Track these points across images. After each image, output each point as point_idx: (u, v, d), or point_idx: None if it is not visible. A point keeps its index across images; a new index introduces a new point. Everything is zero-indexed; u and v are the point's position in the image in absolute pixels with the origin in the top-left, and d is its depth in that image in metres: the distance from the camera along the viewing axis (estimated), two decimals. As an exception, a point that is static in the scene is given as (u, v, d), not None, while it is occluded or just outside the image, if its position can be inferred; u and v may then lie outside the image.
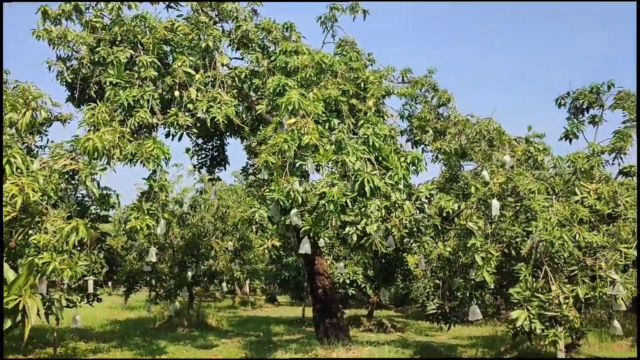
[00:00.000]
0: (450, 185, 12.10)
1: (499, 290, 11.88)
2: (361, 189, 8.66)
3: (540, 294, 8.81)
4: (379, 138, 9.48)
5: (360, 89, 10.61)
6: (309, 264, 12.99)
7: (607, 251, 9.05)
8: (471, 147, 11.15)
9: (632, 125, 11.80)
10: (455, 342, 15.69)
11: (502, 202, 9.92)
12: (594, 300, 9.17)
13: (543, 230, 9.02)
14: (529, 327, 8.74)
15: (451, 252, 10.00)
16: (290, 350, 11.55)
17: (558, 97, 12.57)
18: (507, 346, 13.99)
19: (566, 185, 10.90)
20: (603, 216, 10.12)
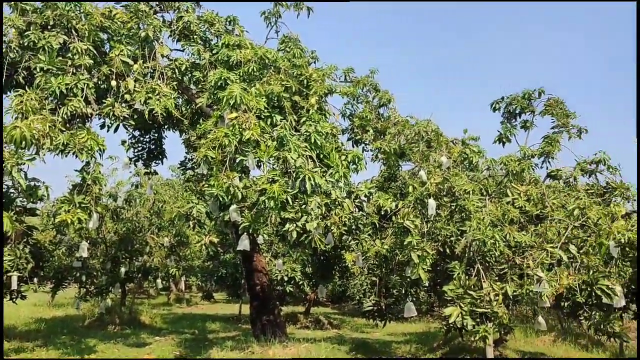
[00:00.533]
0: (388, 184, 12.33)
1: (433, 287, 12.18)
2: (302, 186, 8.67)
3: (472, 292, 9.10)
4: (320, 136, 9.52)
5: (303, 86, 10.60)
6: (248, 261, 12.88)
7: (534, 250, 9.46)
8: (410, 148, 11.38)
9: (560, 131, 12.42)
10: (390, 339, 16.01)
11: (438, 202, 10.18)
12: (521, 298, 9.57)
13: (476, 230, 9.33)
14: (461, 324, 9.01)
15: (388, 250, 10.17)
16: (226, 347, 11.42)
17: (493, 102, 13.05)
18: (439, 342, 14.42)
19: (498, 187, 11.32)
20: (531, 217, 10.60)
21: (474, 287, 9.28)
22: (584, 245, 9.21)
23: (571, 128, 12.37)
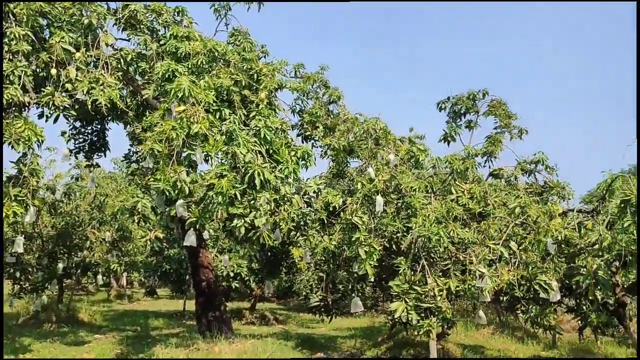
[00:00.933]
0: (337, 180, 12.42)
1: (378, 283, 12.37)
2: (251, 181, 8.60)
3: (417, 287, 9.29)
4: (270, 131, 9.47)
5: (253, 80, 10.51)
6: (194, 257, 12.68)
7: (477, 247, 9.75)
8: (358, 145, 11.49)
9: (502, 131, 12.86)
10: (335, 334, 16.15)
11: (385, 199, 10.33)
12: (463, 293, 9.84)
13: (422, 226, 9.53)
14: (406, 318, 9.19)
15: (336, 245, 10.24)
16: (171, 344, 11.19)
17: (439, 102, 13.36)
18: (384, 337, 14.65)
19: (443, 185, 11.60)
20: (474, 214, 10.92)
21: (419, 282, 9.48)
22: (524, 242, 9.57)
23: (513, 129, 12.84)
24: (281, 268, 14.66)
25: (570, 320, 15.27)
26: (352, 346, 14.11)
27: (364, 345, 14.21)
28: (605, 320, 10.94)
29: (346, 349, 13.88)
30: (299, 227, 11.09)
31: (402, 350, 13.47)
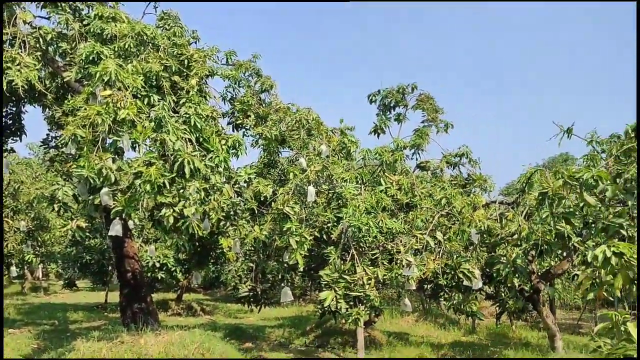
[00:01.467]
0: (268, 170, 12.35)
1: (308, 272, 12.46)
2: (180, 170, 8.36)
3: (347, 276, 9.43)
4: (200, 118, 9.25)
5: (184, 66, 10.22)
6: (118, 247, 12.20)
7: (404, 236, 10.02)
8: (290, 135, 11.47)
9: (429, 125, 13.26)
10: (263, 323, 16.14)
11: (317, 189, 10.39)
12: (390, 281, 10.10)
13: (352, 217, 9.68)
14: (335, 307, 9.31)
15: (267, 235, 10.20)
16: (92, 338, 10.74)
17: (370, 94, 13.57)
18: (312, 325, 14.81)
19: (373, 176, 11.83)
20: (402, 205, 11.21)
21: (349, 271, 9.62)
22: (449, 232, 9.93)
23: (439, 123, 13.26)
24: (209, 258, 14.39)
25: (489, 306, 16.06)
26: (280, 335, 14.17)
27: (292, 334, 14.31)
28: (521, 306, 11.59)
29: (274, 338, 13.92)
30: (228, 217, 10.95)
31: (330, 338, 13.68)
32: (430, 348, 13.31)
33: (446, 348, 13.39)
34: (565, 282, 19.84)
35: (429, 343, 13.93)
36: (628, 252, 4.04)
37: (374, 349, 12.95)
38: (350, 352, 12.47)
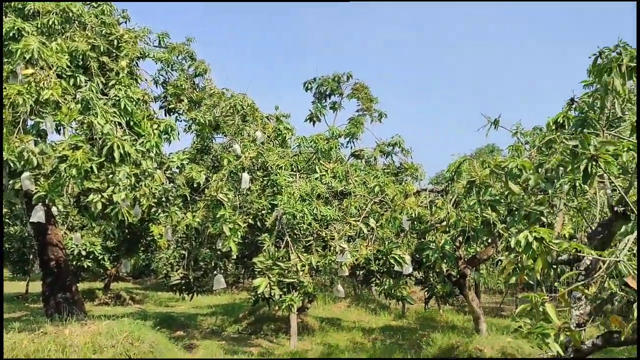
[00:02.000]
0: (201, 156, 12.13)
1: (241, 259, 12.40)
2: (109, 154, 8.07)
3: (281, 263, 9.45)
4: (131, 102, 8.94)
5: (113, 46, 9.82)
6: (41, 234, 11.63)
7: (338, 223, 10.15)
8: (225, 121, 11.30)
9: (364, 114, 13.43)
10: (195, 312, 15.93)
11: (251, 176, 10.32)
12: (323, 267, 10.22)
13: (287, 204, 9.69)
14: (268, 293, 9.31)
15: (199, 222, 10.04)
16: (13, 329, 10.24)
17: (306, 82, 13.56)
18: (245, 312, 14.77)
19: (308, 164, 11.87)
20: (336, 192, 11.33)
21: (283, 258, 9.65)
22: (381, 219, 10.14)
23: (373, 112, 13.46)
24: (140, 246, 14.00)
25: (418, 291, 16.57)
26: (213, 323, 14.05)
27: (225, 322, 14.21)
28: (449, 290, 12.04)
29: (207, 326, 13.78)
30: (160, 204, 10.68)
31: (263, 325, 13.70)
32: (361, 333, 13.60)
33: (377, 332, 13.73)
34: (490, 267, 20.79)
35: (360, 328, 14.23)
36: (547, 237, 4.27)
37: (306, 335, 13.09)
38: (283, 338, 12.54)
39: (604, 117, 6.40)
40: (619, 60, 4.93)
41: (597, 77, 5.35)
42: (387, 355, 10.83)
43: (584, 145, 4.85)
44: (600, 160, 4.67)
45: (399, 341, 12.70)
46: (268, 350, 11.23)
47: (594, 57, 5.52)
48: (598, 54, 5.32)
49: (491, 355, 10.04)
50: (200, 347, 11.04)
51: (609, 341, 5.76)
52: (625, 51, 4.94)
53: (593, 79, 5.70)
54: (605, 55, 5.24)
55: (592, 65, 5.40)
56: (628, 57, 4.89)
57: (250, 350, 10.91)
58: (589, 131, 6.11)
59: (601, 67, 5.21)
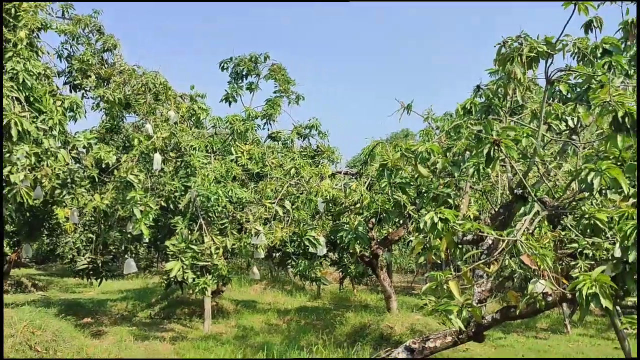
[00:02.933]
0: (111, 136, 11.59)
1: (154, 243, 12.04)
2: (7, 131, 7.52)
3: (194, 246, 9.28)
4: (31, 76, 8.37)
5: (10, 15, 9.09)
6: None
7: (254, 206, 10.09)
8: (136, 99, 10.83)
9: (281, 95, 13.37)
10: (105, 297, 15.33)
11: (164, 157, 10.00)
12: (239, 250, 10.15)
13: (201, 186, 9.50)
14: (181, 277, 9.14)
15: (108, 205, 9.62)
16: None
17: (222, 61, 13.27)
18: (157, 297, 14.40)
19: (223, 145, 11.68)
20: (253, 175, 11.26)
21: (196, 241, 9.48)
22: (297, 201, 10.19)
23: (291, 94, 13.43)
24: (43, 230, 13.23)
25: (333, 272, 16.90)
26: (123, 309, 13.59)
27: (136, 307, 13.79)
28: (362, 271, 12.34)
29: (117, 312, 13.31)
30: (65, 185, 10.10)
31: (177, 309, 13.43)
32: (276, 314, 13.67)
33: (292, 313, 13.86)
34: (402, 248, 21.55)
35: (275, 309, 14.30)
36: (452, 218, 4.47)
37: (221, 318, 12.97)
38: (197, 322, 12.36)
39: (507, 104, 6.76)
40: (519, 50, 5.19)
41: (500, 66, 5.60)
42: (300, 335, 10.96)
43: (487, 130, 5.10)
44: (502, 145, 4.93)
45: (314, 321, 12.89)
46: (181, 334, 11.02)
47: (499, 46, 5.79)
48: (502, 43, 5.57)
49: (401, 332, 10.44)
50: (109, 334, 10.65)
51: (507, 315, 6.14)
52: (525, 42, 5.21)
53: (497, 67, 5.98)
54: (509, 45, 5.49)
55: (496, 54, 5.65)
56: (528, 47, 5.15)
57: (163, 335, 10.66)
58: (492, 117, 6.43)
59: (505, 56, 5.46)
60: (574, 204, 5.72)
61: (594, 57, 6.41)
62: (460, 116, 7.32)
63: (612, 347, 10.49)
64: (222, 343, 9.95)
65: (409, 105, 9.17)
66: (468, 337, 6.48)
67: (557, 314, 13.95)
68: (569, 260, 6.25)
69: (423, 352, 6.67)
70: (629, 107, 4.52)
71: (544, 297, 5.32)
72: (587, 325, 13.18)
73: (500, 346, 10.87)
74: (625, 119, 4.50)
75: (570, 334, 12.17)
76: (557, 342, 11.33)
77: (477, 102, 6.81)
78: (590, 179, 4.51)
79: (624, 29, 6.46)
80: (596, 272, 4.13)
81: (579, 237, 5.39)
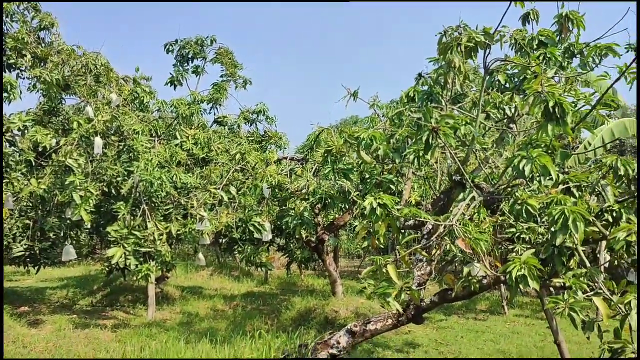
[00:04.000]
0: (49, 118, 11.17)
1: (96, 229, 11.72)
2: None
3: (137, 232, 9.10)
4: (-40, 53, 7.93)
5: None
6: None
7: (199, 191, 9.96)
8: (75, 80, 10.45)
9: (228, 79, 13.19)
10: (44, 285, 14.87)
11: (105, 141, 9.72)
12: (184, 236, 10.02)
13: (144, 171, 9.29)
14: (124, 264, 8.96)
15: (46, 190, 9.28)
16: None
17: (167, 43, 12.95)
18: (100, 284, 14.07)
19: (168, 129, 11.44)
20: (198, 160, 11.09)
21: (139, 227, 9.30)
22: (243, 186, 10.13)
23: (238, 78, 13.26)
24: (-24, 216, 12.64)
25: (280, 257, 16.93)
26: (63, 297, 13.21)
27: (77, 294, 13.44)
28: (308, 256, 12.43)
29: (56, 300, 12.93)
30: (-2, 169, 9.68)
31: (120, 296, 13.19)
32: (222, 300, 13.62)
33: (238, 299, 13.84)
34: (350, 233, 21.82)
35: (222, 295, 14.25)
36: (390, 203, 4.57)
37: (166, 304, 12.82)
38: (140, 309, 12.17)
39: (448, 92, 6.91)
40: (458, 40, 5.32)
41: (441, 54, 5.73)
42: (246, 320, 10.98)
43: (426, 118, 5.21)
44: (440, 132, 5.06)
45: (260, 307, 12.93)
46: (123, 321, 10.83)
47: (440, 35, 5.91)
48: (443, 32, 5.69)
49: (346, 315, 10.63)
50: (48, 323, 10.34)
51: (445, 298, 6.34)
52: (464, 31, 5.33)
53: (439, 56, 6.11)
54: (449, 34, 5.61)
55: (437, 43, 5.77)
56: (466, 37, 5.28)
57: (104, 323, 10.44)
58: (434, 105, 6.57)
59: (445, 44, 5.58)
60: (509, 190, 5.94)
61: (530, 49, 6.64)
62: (403, 104, 7.44)
63: (545, 327, 11.03)
64: (165, 329, 9.85)
65: (355, 92, 9.22)
66: (408, 319, 6.66)
67: (496, 297, 14.52)
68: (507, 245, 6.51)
69: (364, 335, 6.81)
70: (559, 97, 4.72)
71: (479, 279, 5.54)
72: (523, 306, 13.78)
73: (442, 328, 11.24)
74: (556, 109, 4.70)
75: (508, 315, 12.71)
76: (495, 323, 11.81)
77: (419, 90, 6.93)
78: (522, 166, 4.69)
79: (559, 22, 6.71)
80: (525, 255, 4.32)
81: (516, 222, 5.61)
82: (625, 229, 4.25)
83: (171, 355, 6.82)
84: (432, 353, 9.17)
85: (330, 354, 6.84)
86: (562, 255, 4.86)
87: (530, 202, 4.92)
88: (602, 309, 3.97)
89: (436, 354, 9.11)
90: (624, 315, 3.88)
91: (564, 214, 4.34)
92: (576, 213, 4.29)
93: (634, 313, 3.77)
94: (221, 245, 12.99)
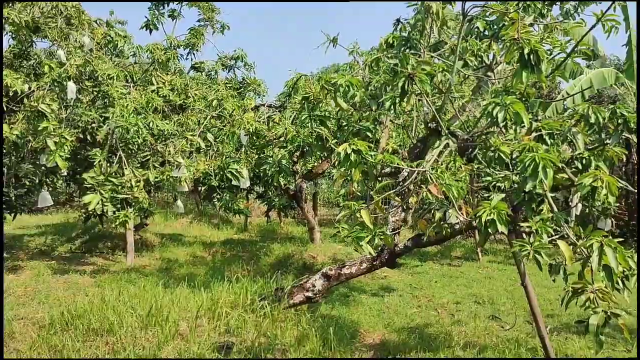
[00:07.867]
0: (19, 62, 10.83)
1: (72, 176, 11.62)
2: None
3: (113, 178, 9.04)
4: None
5: None
6: None
7: (176, 138, 9.88)
8: (46, 22, 10.09)
9: (205, 24, 12.84)
10: (21, 232, 14.82)
11: (79, 86, 9.51)
12: (162, 184, 10.00)
13: (119, 117, 9.16)
14: (101, 210, 8.93)
15: (19, 135, 9.10)
16: None
17: (141, -16, 12.51)
18: (78, 231, 14.08)
19: (144, 75, 11.21)
20: (175, 106, 10.95)
21: (116, 174, 9.23)
22: (220, 133, 10.06)
23: (215, 23, 12.92)
24: (-52, 162, 12.42)
25: (260, 205, 17.04)
26: (42, 243, 13.21)
27: (55, 241, 13.45)
28: (286, 203, 12.53)
29: (35, 246, 12.93)
30: (-31, 114, 9.46)
31: (99, 243, 13.23)
32: (202, 247, 13.76)
33: (217, 245, 13.99)
34: (329, 181, 21.96)
35: (201, 242, 14.37)
36: (364, 149, 4.59)
37: (145, 251, 12.92)
38: (120, 256, 12.25)
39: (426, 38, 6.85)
40: (437, -16, 5.24)
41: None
42: (225, 266, 11.14)
43: (402, 64, 5.19)
44: (416, 79, 5.05)
45: (239, 253, 13.10)
46: (103, 267, 10.91)
47: (419, -20, 5.81)
48: (422, -24, 5.59)
49: (323, 261, 10.83)
50: (26, 268, 10.38)
51: (418, 243, 6.51)
52: (443, -24, 5.24)
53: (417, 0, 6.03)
54: (428, -21, 5.52)
55: (416, -13, 5.68)
56: (444, -19, 5.20)
57: (83, 269, 10.51)
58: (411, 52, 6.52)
59: (424, -10, 5.50)
60: (484, 138, 6.00)
61: (510, -5, 6.56)
62: (382, 50, 7.36)
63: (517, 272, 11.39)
64: (145, 275, 9.96)
65: (335, 39, 9.10)
66: (382, 264, 6.85)
67: (470, 244, 14.88)
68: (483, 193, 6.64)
69: (339, 278, 7.00)
70: (535, 44, 4.71)
71: (451, 225, 5.67)
72: (497, 253, 14.17)
73: (417, 273, 11.54)
74: (531, 56, 4.70)
75: (481, 261, 13.07)
76: (469, 269, 12.16)
77: (398, 37, 6.85)
78: (496, 112, 4.72)
79: (540, -33, 6.61)
80: (495, 200, 4.42)
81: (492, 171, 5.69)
82: (591, 175, 4.35)
83: (149, 299, 6.93)
84: (406, 297, 9.46)
85: (306, 296, 7.03)
86: (533, 202, 4.98)
87: (502, 148, 4.99)
88: (565, 252, 4.11)
89: (410, 298, 9.39)
90: (586, 257, 4.02)
91: (534, 160, 4.41)
92: (546, 160, 4.37)
93: (596, 256, 3.91)
94: (200, 193, 13.04)
